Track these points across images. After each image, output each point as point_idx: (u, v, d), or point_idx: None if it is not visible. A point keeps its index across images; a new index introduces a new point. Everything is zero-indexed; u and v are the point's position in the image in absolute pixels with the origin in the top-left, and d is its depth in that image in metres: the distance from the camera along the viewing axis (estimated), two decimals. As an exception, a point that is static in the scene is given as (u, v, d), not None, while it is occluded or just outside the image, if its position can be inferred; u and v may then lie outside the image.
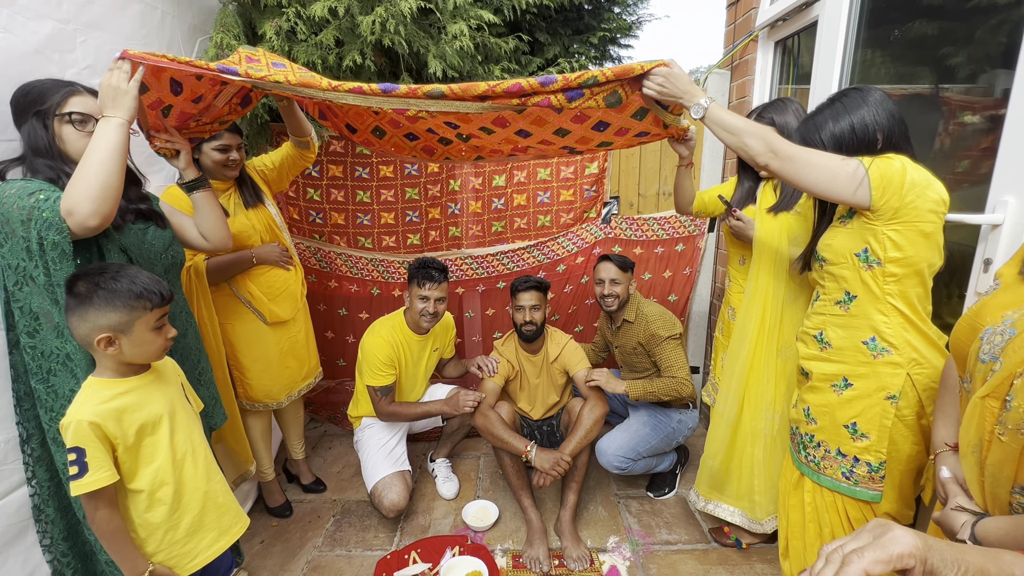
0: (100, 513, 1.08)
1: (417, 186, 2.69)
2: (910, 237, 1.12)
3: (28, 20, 1.41)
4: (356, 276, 2.74)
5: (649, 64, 1.21)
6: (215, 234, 1.50)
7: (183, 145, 1.47)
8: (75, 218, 1.08)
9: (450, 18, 2.32)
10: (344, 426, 2.94)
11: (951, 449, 1.00)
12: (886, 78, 1.80)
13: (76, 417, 1.04)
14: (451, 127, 1.52)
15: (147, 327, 1.10)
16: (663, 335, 2.09)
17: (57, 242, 1.10)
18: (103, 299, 1.04)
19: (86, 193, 1.08)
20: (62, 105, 1.21)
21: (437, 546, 1.99)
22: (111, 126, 1.14)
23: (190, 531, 1.21)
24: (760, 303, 1.68)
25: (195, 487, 1.22)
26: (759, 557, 1.93)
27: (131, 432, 1.11)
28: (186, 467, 1.21)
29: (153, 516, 1.16)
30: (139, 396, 1.14)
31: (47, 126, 1.20)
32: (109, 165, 1.11)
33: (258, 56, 1.50)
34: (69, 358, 1.17)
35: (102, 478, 1.05)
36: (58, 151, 1.22)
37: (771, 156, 1.17)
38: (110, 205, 1.12)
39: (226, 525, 1.29)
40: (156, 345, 1.13)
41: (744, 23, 2.41)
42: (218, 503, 1.28)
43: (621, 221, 2.77)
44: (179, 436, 1.20)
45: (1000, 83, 1.37)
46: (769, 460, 1.77)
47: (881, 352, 1.20)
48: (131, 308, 1.07)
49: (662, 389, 2.04)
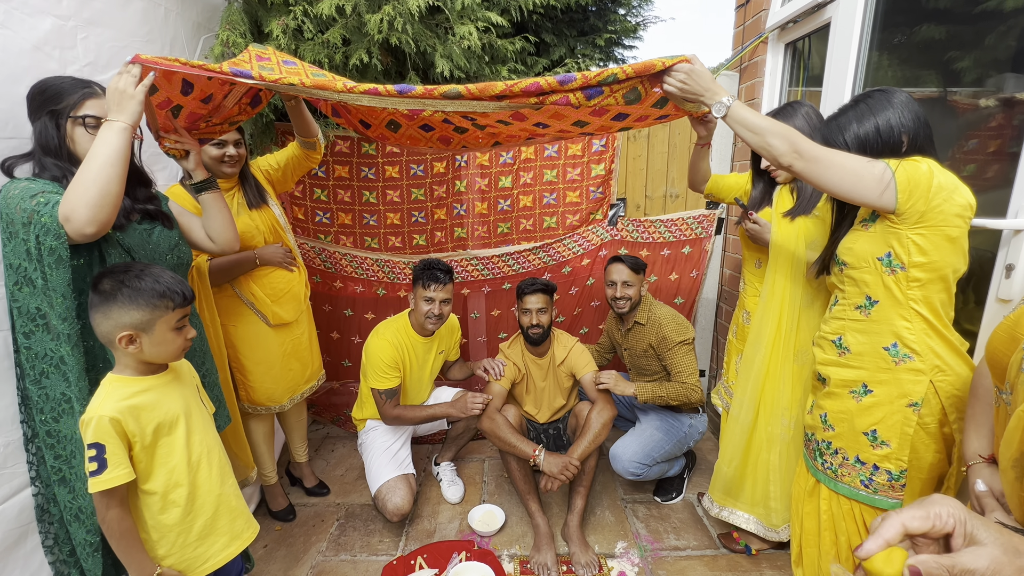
0: (112, 512, 1.06)
1: (423, 187, 2.67)
2: (936, 242, 1.11)
3: (27, 16, 1.39)
4: (361, 277, 2.72)
5: (671, 60, 1.18)
6: (223, 236, 1.48)
7: (193, 146, 1.45)
8: (72, 225, 1.07)
9: (458, 19, 2.30)
10: (347, 428, 2.92)
11: (985, 461, 0.98)
12: (901, 81, 1.78)
13: (98, 412, 1.03)
14: (467, 119, 1.50)
15: (168, 327, 1.10)
16: (675, 339, 2.07)
17: (54, 247, 1.08)
18: (127, 297, 1.04)
19: (84, 200, 1.07)
20: (78, 107, 1.19)
21: (443, 551, 1.96)
22: (113, 131, 1.12)
23: (202, 534, 1.19)
24: (776, 307, 1.66)
25: (209, 490, 1.20)
26: (769, 564, 1.91)
27: (148, 431, 1.10)
28: (201, 469, 1.19)
29: (167, 518, 1.14)
30: (157, 395, 1.13)
31: (60, 126, 1.18)
32: (109, 171, 1.10)
33: (268, 55, 1.47)
34: (63, 361, 1.15)
35: (120, 475, 1.04)
36: (68, 152, 1.20)
37: (795, 157, 1.14)
38: (108, 212, 1.10)
39: (238, 530, 1.27)
40: (176, 345, 1.13)
41: (754, 25, 2.40)
42: (231, 507, 1.26)
43: (628, 223, 2.74)
44: (195, 438, 1.19)
45: (1020, 86, 1.36)
46: (785, 466, 1.75)
47: (903, 358, 1.18)
48: (154, 307, 1.07)
49: (671, 394, 2.02)
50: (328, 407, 2.94)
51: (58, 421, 1.18)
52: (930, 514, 0.49)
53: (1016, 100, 1.37)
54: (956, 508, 0.49)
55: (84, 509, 1.19)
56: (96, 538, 1.20)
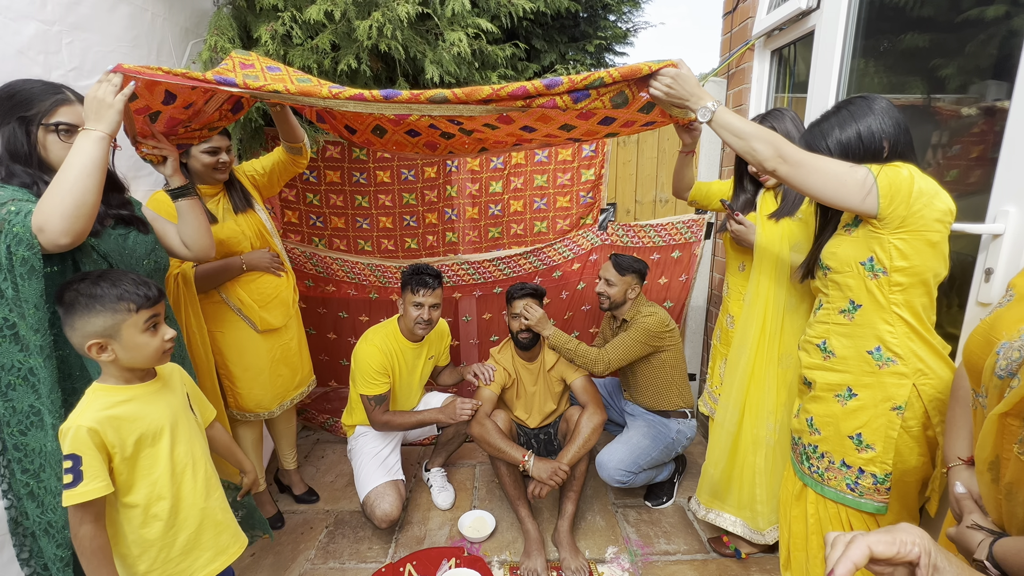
0: (85, 528, 1.02)
1: (414, 191, 2.68)
2: (916, 246, 1.12)
3: (10, 20, 1.38)
4: (353, 281, 2.72)
5: (657, 64, 1.18)
6: (197, 243, 1.46)
7: (170, 151, 1.43)
8: (46, 235, 1.04)
9: (448, 25, 2.30)
10: (337, 433, 2.90)
11: (964, 463, 0.98)
12: (883, 87, 1.81)
13: (76, 422, 1.00)
14: (454, 123, 1.50)
15: (136, 329, 1.06)
16: (639, 325, 2.09)
17: (27, 258, 1.05)
18: (84, 305, 1.01)
19: (59, 211, 1.04)
20: (50, 114, 1.16)
21: (433, 558, 1.95)
22: (90, 140, 1.10)
23: (185, 549, 1.16)
24: (761, 309, 1.67)
25: (193, 503, 1.17)
26: (758, 567, 1.91)
27: (129, 442, 1.06)
28: (185, 481, 1.16)
29: (148, 532, 1.11)
30: (140, 405, 1.10)
31: (30, 132, 1.15)
32: (85, 182, 1.07)
33: (252, 61, 1.47)
34: (32, 373, 1.12)
35: (96, 488, 1.00)
36: (39, 159, 1.17)
37: (779, 161, 1.15)
38: (83, 223, 1.08)
39: (224, 544, 1.24)
40: (152, 347, 1.09)
41: (741, 32, 2.42)
42: (216, 520, 1.23)
43: (618, 228, 2.76)
44: (180, 449, 1.16)
45: (1000, 93, 1.38)
46: (771, 470, 1.75)
47: (886, 362, 1.19)
48: (114, 311, 1.03)
49: (580, 352, 2.09)
50: (320, 411, 2.92)
51: (25, 434, 1.15)
52: (896, 540, 0.51)
53: (995, 108, 1.39)
54: (922, 539, 0.51)
55: (54, 524, 1.16)
56: (67, 552, 1.17)
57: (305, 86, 1.25)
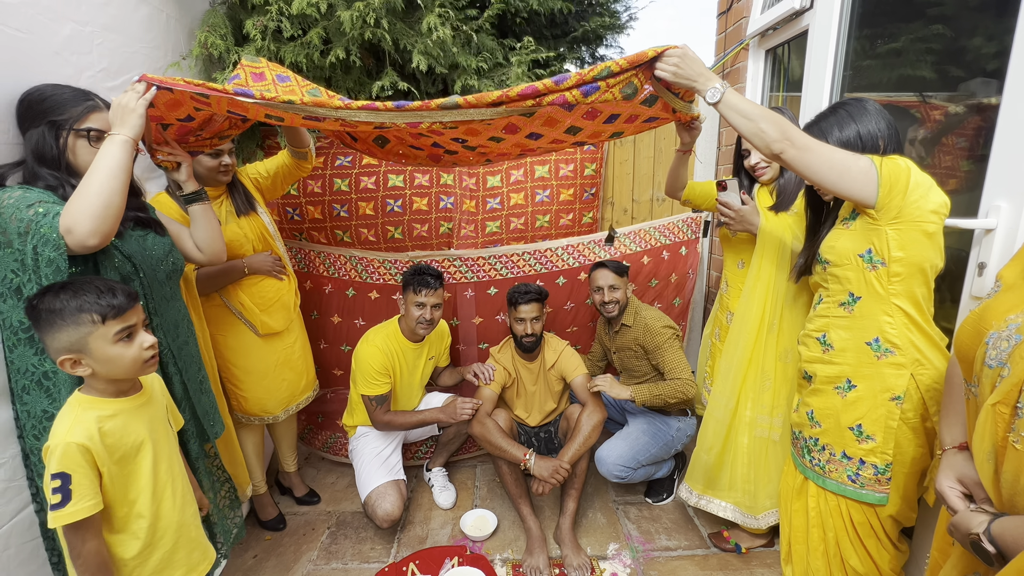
0: (89, 546, 0.97)
1: (402, 173, 2.54)
2: (913, 236, 1.14)
3: (49, 21, 1.38)
4: (334, 276, 2.52)
5: (662, 47, 1.18)
6: (211, 246, 1.48)
7: (184, 158, 1.46)
8: (74, 236, 1.06)
9: (432, 11, 2.29)
10: (339, 454, 2.75)
11: (956, 449, 1.01)
12: (877, 86, 1.83)
13: (64, 439, 0.95)
14: (458, 141, 1.51)
15: (106, 341, 0.99)
16: (663, 335, 2.08)
17: (53, 259, 1.06)
18: (46, 320, 0.96)
19: (87, 212, 1.06)
20: (82, 120, 1.19)
21: (436, 557, 1.95)
22: (115, 143, 1.13)
23: (158, 568, 1.12)
24: (762, 294, 1.67)
25: (170, 521, 1.13)
26: (759, 562, 1.93)
27: (114, 459, 1.03)
28: (164, 499, 1.12)
29: (124, 551, 1.06)
30: (124, 421, 1.06)
31: (59, 137, 1.17)
32: (112, 184, 1.10)
33: (262, 69, 1.48)
34: (47, 377, 1.12)
35: (86, 507, 0.95)
36: (67, 163, 1.19)
37: (787, 144, 1.15)
38: (111, 224, 1.10)
39: (195, 561, 1.20)
40: (128, 358, 1.02)
41: (735, 32, 2.45)
42: (190, 537, 1.19)
43: (623, 238, 2.64)
44: (162, 467, 1.12)
45: (992, 90, 1.41)
46: (769, 461, 1.77)
47: (885, 353, 1.21)
48: (76, 324, 0.96)
49: (668, 392, 1.98)
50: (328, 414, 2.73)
51: (39, 439, 1.14)
52: None
53: (985, 105, 1.42)
54: None
55: None
56: None
57: (316, 98, 1.27)
